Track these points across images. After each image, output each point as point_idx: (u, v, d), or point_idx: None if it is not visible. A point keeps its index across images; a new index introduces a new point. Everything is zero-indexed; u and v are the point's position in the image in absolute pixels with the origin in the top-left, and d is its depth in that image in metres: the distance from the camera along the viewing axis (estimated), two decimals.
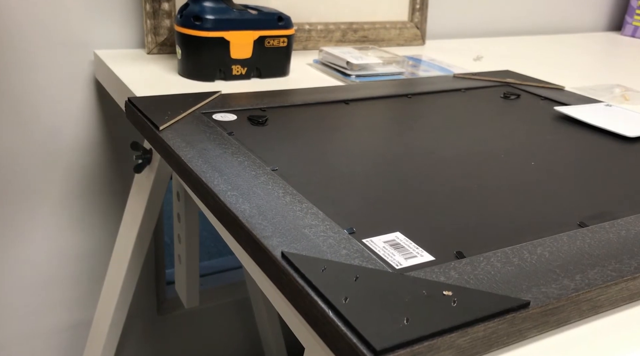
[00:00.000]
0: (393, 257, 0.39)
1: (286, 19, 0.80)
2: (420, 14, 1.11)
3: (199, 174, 0.47)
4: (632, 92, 0.88)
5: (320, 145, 0.57)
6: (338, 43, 1.02)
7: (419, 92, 0.77)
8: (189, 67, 0.77)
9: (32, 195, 0.93)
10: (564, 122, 0.70)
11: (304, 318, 0.35)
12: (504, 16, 1.33)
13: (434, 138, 0.61)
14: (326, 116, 0.65)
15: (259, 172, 0.49)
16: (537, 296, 0.35)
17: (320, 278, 0.35)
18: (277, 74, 0.82)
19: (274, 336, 1.25)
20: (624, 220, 0.46)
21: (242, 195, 0.45)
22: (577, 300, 0.36)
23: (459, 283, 0.36)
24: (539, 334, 0.36)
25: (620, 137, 0.66)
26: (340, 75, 0.84)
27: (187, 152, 0.51)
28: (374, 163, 0.54)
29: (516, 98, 0.79)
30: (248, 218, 0.41)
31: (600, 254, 0.41)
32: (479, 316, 0.33)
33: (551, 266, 0.39)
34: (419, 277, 0.36)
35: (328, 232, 0.41)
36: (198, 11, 0.75)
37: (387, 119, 0.67)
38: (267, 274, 0.39)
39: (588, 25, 1.49)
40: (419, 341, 0.31)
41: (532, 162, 0.57)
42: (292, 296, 0.36)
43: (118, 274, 0.89)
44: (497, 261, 0.39)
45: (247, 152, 0.53)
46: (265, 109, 0.66)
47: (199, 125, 0.58)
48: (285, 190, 0.46)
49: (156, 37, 0.87)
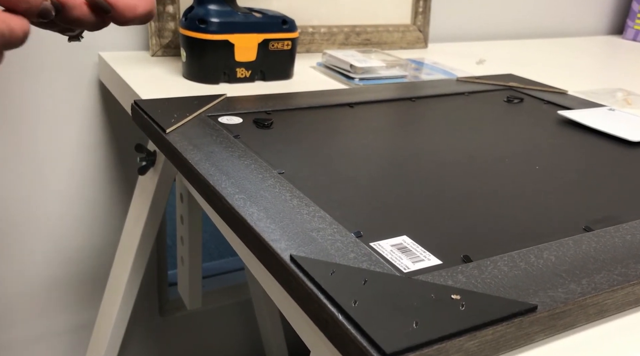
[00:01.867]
0: (401, 261, 0.39)
1: (290, 22, 0.81)
2: (422, 17, 1.11)
3: (207, 177, 0.47)
4: (634, 96, 0.88)
5: (326, 148, 0.57)
6: (341, 46, 1.03)
7: (423, 95, 0.78)
8: (193, 70, 0.78)
9: (35, 196, 0.94)
10: (568, 126, 0.70)
11: (313, 322, 0.35)
12: (506, 20, 1.33)
13: (439, 141, 0.62)
14: (331, 119, 0.66)
15: (266, 175, 0.49)
16: (544, 300, 0.35)
17: (330, 281, 0.35)
18: (281, 77, 0.82)
19: (276, 338, 1.25)
20: (629, 224, 0.46)
21: (249, 198, 0.45)
22: (584, 304, 0.36)
23: (466, 287, 0.36)
24: (546, 338, 0.36)
25: (624, 142, 0.66)
26: (343, 78, 0.84)
27: (194, 155, 0.51)
28: (379, 166, 0.54)
29: (519, 102, 0.79)
30: (256, 221, 0.42)
31: (606, 258, 0.41)
32: (487, 320, 0.33)
33: (558, 271, 0.39)
34: (427, 281, 0.37)
35: (336, 235, 0.41)
36: (203, 14, 0.75)
37: (392, 122, 0.67)
38: (276, 277, 0.39)
39: (589, 28, 1.49)
40: (428, 344, 0.31)
41: (536, 167, 0.57)
42: (301, 299, 0.36)
43: (121, 276, 0.89)
44: (504, 265, 0.39)
45: (253, 155, 0.53)
46: (271, 112, 0.66)
47: (205, 128, 0.58)
48: (292, 193, 0.46)
49: (160, 39, 0.88)
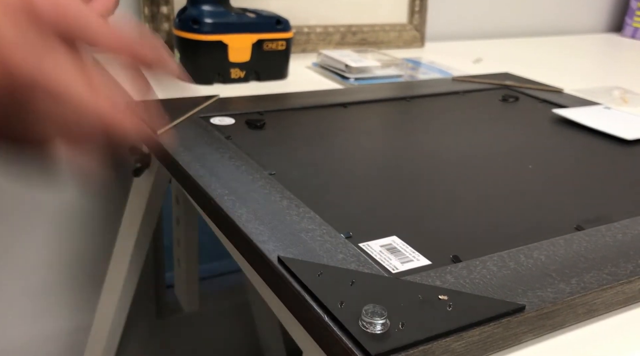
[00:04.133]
0: (389, 261, 0.39)
1: (284, 22, 0.80)
2: (419, 17, 1.11)
3: (196, 179, 0.47)
4: (631, 94, 0.88)
5: (317, 149, 0.57)
6: (337, 46, 1.02)
7: (418, 95, 0.78)
8: (187, 71, 0.77)
9: (29, 200, 0.93)
10: (563, 124, 0.70)
11: (300, 323, 0.35)
12: (502, 18, 1.33)
13: (432, 142, 0.62)
14: (324, 120, 0.65)
15: (256, 176, 0.49)
16: (533, 300, 0.35)
17: (316, 282, 0.35)
18: (275, 77, 0.82)
19: (273, 340, 1.25)
20: (620, 223, 0.46)
21: (239, 199, 0.45)
22: (573, 303, 0.36)
23: (454, 287, 0.36)
24: (534, 338, 0.36)
25: (619, 140, 0.66)
26: (339, 78, 0.84)
27: (184, 157, 0.51)
28: (371, 167, 0.54)
29: (515, 101, 0.79)
30: (245, 222, 0.41)
31: (596, 257, 0.41)
32: (474, 321, 0.33)
33: (547, 270, 0.39)
34: (414, 281, 0.36)
35: (325, 236, 0.41)
36: (196, 15, 0.75)
37: (385, 122, 0.67)
38: (264, 278, 0.39)
39: (588, 26, 1.49)
40: (414, 345, 0.31)
41: (529, 166, 0.57)
42: (288, 300, 0.36)
43: (117, 278, 0.89)
44: (493, 265, 0.39)
45: (244, 156, 0.53)
46: (264, 112, 0.66)
47: (196, 129, 0.58)
48: (283, 194, 0.46)
49: None
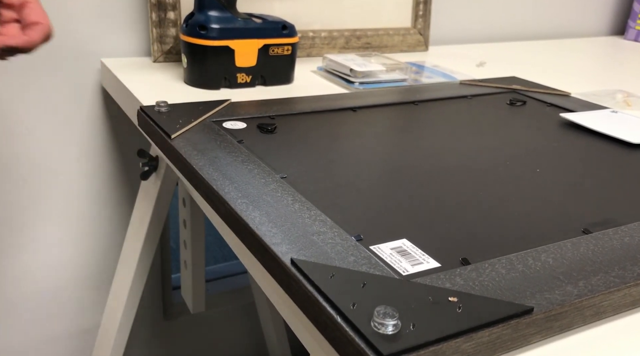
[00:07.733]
0: (400, 264, 0.40)
1: (290, 27, 0.81)
2: (423, 21, 1.12)
3: (210, 182, 0.48)
4: (635, 98, 0.89)
5: (328, 153, 0.58)
6: (342, 50, 1.03)
7: (426, 99, 0.78)
8: (194, 76, 0.78)
9: (39, 202, 0.94)
10: (570, 128, 0.71)
11: (312, 324, 0.36)
12: (506, 21, 1.33)
13: (441, 145, 0.62)
14: (334, 124, 0.66)
15: (269, 180, 0.50)
16: (541, 302, 0.36)
17: (329, 284, 0.36)
18: (281, 82, 0.83)
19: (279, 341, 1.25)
20: (627, 227, 0.47)
21: (252, 202, 0.45)
22: (581, 306, 0.37)
23: (464, 289, 0.37)
24: (542, 339, 0.36)
25: (626, 144, 0.66)
26: (344, 82, 0.84)
27: (198, 161, 0.52)
28: (381, 170, 0.55)
29: (522, 105, 0.79)
30: (258, 225, 0.42)
31: (603, 260, 0.41)
32: (483, 322, 0.33)
33: (555, 273, 0.39)
34: (425, 284, 0.37)
35: (336, 239, 0.41)
36: (203, 20, 0.76)
37: (394, 126, 0.67)
38: (277, 280, 0.39)
39: (591, 29, 1.50)
40: (425, 346, 0.32)
41: (537, 169, 0.58)
42: (301, 302, 0.37)
43: (125, 280, 0.90)
44: (501, 268, 0.40)
45: (256, 160, 0.54)
46: (274, 117, 0.67)
47: (209, 133, 0.59)
48: (294, 197, 0.47)
49: (162, 45, 0.88)
